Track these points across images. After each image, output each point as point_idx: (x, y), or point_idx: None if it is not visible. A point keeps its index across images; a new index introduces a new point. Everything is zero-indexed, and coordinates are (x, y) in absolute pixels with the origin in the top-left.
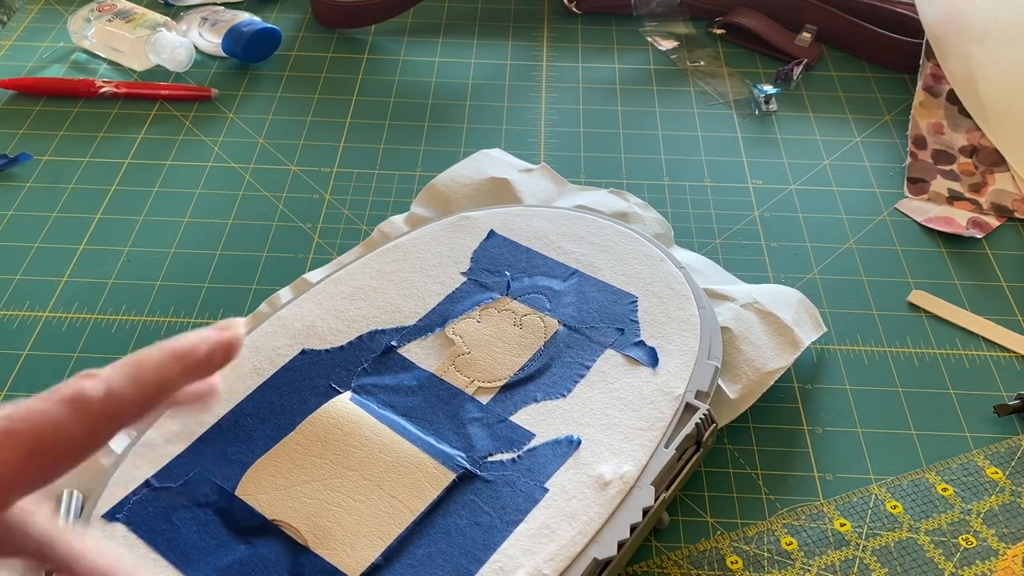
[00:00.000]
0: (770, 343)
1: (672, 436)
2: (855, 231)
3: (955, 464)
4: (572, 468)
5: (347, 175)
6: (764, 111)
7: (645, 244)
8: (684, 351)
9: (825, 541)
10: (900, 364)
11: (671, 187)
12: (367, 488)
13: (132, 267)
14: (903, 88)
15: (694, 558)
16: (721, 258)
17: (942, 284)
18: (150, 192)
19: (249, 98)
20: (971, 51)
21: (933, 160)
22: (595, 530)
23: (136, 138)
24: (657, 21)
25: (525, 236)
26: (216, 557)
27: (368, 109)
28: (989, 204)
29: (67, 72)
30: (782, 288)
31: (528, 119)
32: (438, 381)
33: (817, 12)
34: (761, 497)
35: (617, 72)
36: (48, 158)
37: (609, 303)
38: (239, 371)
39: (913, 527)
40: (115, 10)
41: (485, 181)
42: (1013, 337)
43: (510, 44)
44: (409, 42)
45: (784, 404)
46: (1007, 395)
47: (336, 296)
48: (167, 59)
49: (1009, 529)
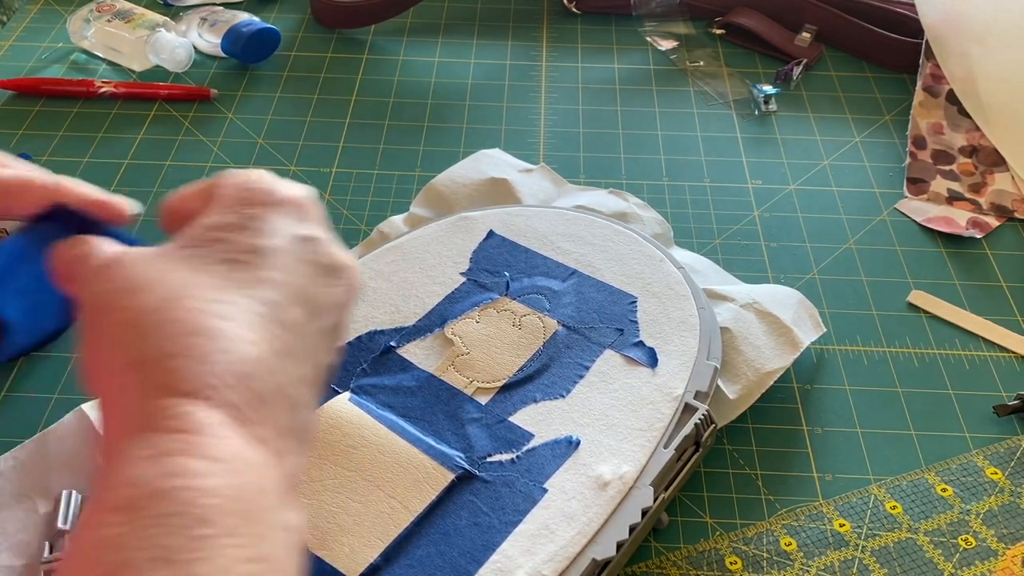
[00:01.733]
0: (769, 343)
1: (671, 436)
2: (855, 231)
3: (955, 464)
4: (571, 468)
5: (346, 175)
6: (764, 111)
7: (644, 244)
8: (683, 351)
9: (824, 541)
10: (900, 364)
11: (671, 187)
12: (366, 489)
13: None
14: (903, 88)
15: (693, 558)
16: (721, 258)
17: (942, 284)
18: (149, 192)
19: (248, 98)
20: (971, 51)
21: (933, 160)
22: (594, 530)
23: (135, 138)
24: (657, 21)
25: (524, 236)
26: None
27: (367, 109)
28: (989, 204)
29: (66, 72)
30: (781, 288)
31: (528, 119)
32: (437, 381)
33: (817, 12)
34: (760, 497)
35: (617, 72)
36: (47, 158)
37: (608, 303)
38: None
39: (912, 527)
40: (114, 10)
41: (485, 181)
42: (1013, 337)
43: (510, 44)
44: (409, 42)
45: (784, 404)
46: (1007, 395)
47: None
48: (166, 59)
49: (1008, 529)
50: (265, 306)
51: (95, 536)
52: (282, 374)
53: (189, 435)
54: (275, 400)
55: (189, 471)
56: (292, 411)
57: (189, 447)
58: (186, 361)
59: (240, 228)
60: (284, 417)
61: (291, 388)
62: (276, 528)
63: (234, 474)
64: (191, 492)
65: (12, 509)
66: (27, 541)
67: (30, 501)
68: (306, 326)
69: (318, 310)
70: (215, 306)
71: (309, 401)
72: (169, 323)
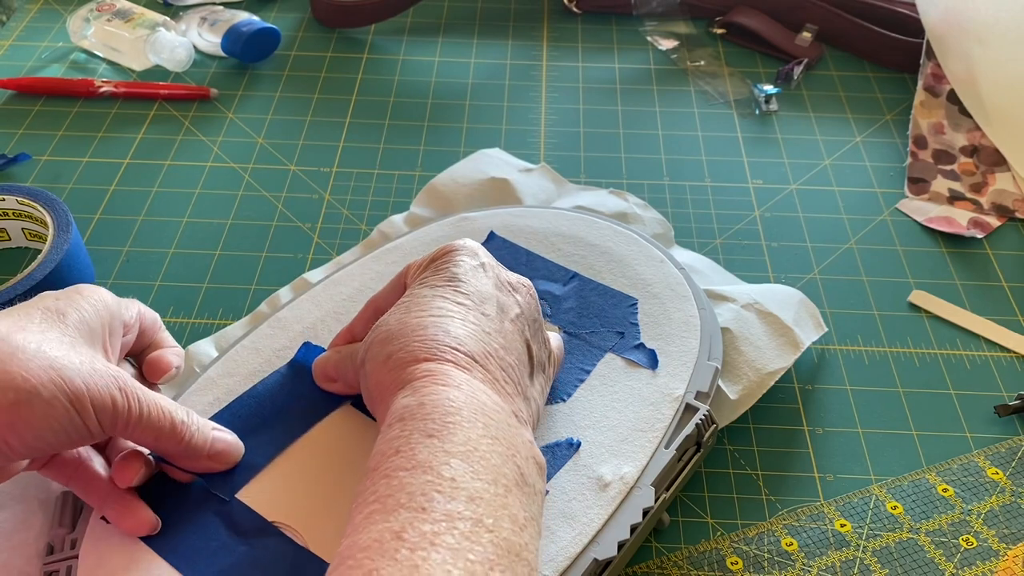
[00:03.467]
0: (770, 343)
1: (672, 437)
2: (855, 231)
3: (956, 464)
4: (572, 470)
5: (347, 175)
6: (764, 111)
7: (645, 245)
8: (684, 352)
9: (825, 542)
10: (901, 364)
11: (671, 187)
12: None
13: (131, 267)
14: (903, 88)
15: (694, 559)
16: (721, 258)
17: (942, 284)
18: (149, 192)
19: (248, 98)
20: (972, 51)
21: (934, 160)
22: (595, 531)
23: (135, 138)
24: (657, 21)
25: (525, 237)
26: (216, 559)
27: (368, 109)
28: (990, 204)
29: (66, 72)
30: (782, 288)
31: (528, 119)
32: None
33: (817, 11)
34: (761, 498)
35: (617, 72)
36: (47, 158)
37: (609, 307)
38: (239, 374)
39: (913, 528)
40: (114, 10)
41: (485, 181)
42: (1013, 337)
43: (510, 44)
44: (409, 42)
45: (784, 404)
46: (1008, 395)
47: (336, 297)
48: (166, 59)
49: (1010, 530)
50: (464, 305)
51: (382, 439)
52: (487, 345)
53: (429, 376)
54: (485, 360)
55: (434, 391)
56: (504, 370)
57: (431, 381)
58: (418, 343)
59: (438, 269)
60: (497, 372)
61: (497, 355)
62: (506, 426)
63: (465, 391)
64: (439, 398)
65: (12, 509)
66: (27, 541)
67: (30, 501)
68: (499, 318)
69: (505, 308)
70: (431, 311)
71: (522, 370)
72: (405, 328)
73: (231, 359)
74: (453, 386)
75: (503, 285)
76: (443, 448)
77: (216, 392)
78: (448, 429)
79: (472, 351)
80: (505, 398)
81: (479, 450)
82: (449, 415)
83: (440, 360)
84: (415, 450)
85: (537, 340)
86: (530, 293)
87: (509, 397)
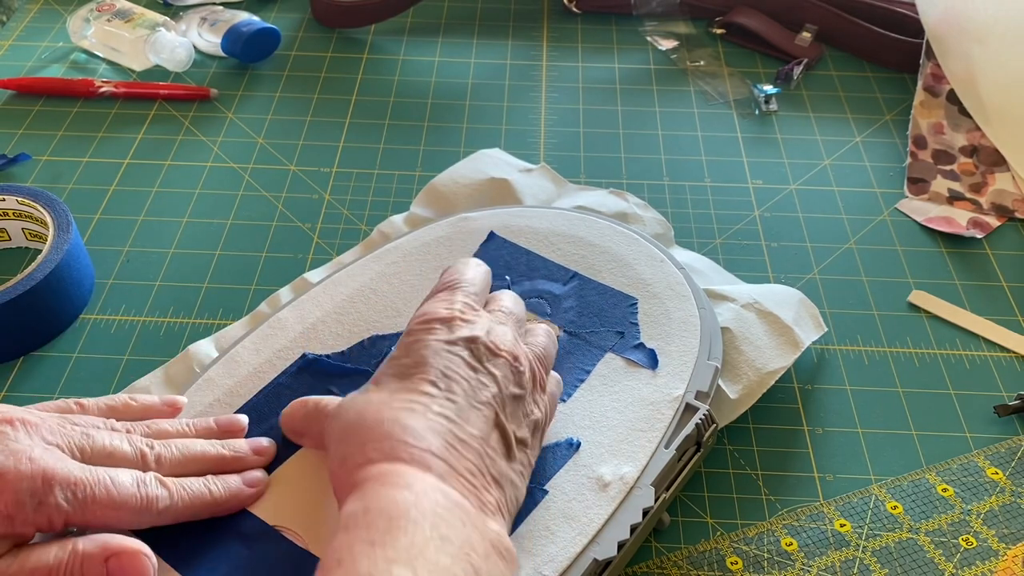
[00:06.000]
0: (770, 343)
1: (672, 437)
2: (855, 231)
3: (955, 464)
4: (571, 470)
5: (346, 175)
6: (764, 111)
7: (645, 245)
8: (684, 352)
9: (825, 542)
10: (900, 364)
11: (671, 187)
12: None
13: (131, 267)
14: (903, 88)
15: (694, 559)
16: (721, 258)
17: (942, 284)
18: (149, 192)
19: (248, 98)
20: (972, 51)
21: (933, 160)
22: (595, 531)
23: (135, 138)
24: (657, 21)
25: (525, 237)
26: (218, 563)
27: (367, 109)
28: (989, 204)
29: (66, 72)
30: (782, 288)
31: (528, 119)
32: None
33: (817, 12)
34: (761, 498)
35: (617, 72)
36: (47, 158)
37: (609, 306)
38: (239, 374)
39: (913, 528)
40: (114, 10)
41: (485, 181)
42: (1013, 337)
43: (510, 44)
44: (409, 42)
45: (784, 404)
46: (1007, 395)
47: (336, 298)
48: (166, 59)
49: (1009, 530)
50: (428, 394)
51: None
52: (450, 436)
53: (379, 479)
54: (446, 452)
55: (380, 495)
56: (471, 459)
57: (380, 483)
58: (372, 443)
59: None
60: (461, 463)
61: (463, 444)
62: (459, 524)
63: (417, 490)
64: (383, 503)
65: None
66: None
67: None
68: (467, 403)
69: (477, 390)
70: (392, 403)
71: (493, 455)
72: (363, 424)
73: (231, 359)
74: (402, 486)
75: (483, 355)
76: (384, 555)
77: (216, 392)
78: (392, 535)
79: (431, 446)
80: (468, 491)
81: (425, 554)
82: (394, 519)
83: (393, 459)
84: (357, 560)
85: (516, 417)
86: (513, 366)
87: (474, 489)
